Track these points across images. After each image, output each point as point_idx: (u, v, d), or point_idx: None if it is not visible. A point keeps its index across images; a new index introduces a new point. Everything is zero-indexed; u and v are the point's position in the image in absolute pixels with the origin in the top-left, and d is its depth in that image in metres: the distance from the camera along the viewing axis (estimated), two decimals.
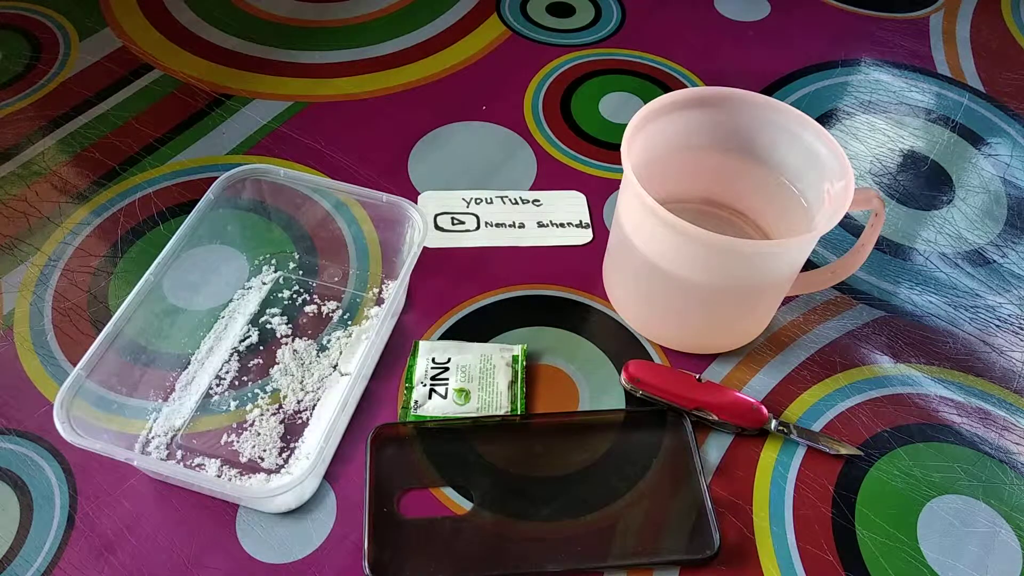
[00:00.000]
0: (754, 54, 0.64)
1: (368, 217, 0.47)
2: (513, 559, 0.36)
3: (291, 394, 0.42)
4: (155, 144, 0.55)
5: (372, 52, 0.63)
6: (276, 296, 0.47)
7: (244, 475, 0.39)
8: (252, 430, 0.40)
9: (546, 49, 0.64)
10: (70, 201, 0.51)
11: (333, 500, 0.39)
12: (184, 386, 0.42)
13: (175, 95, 0.59)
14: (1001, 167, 0.56)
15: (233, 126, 0.57)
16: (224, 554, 0.37)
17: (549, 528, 0.37)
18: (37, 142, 0.55)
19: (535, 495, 0.38)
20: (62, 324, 0.45)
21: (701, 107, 0.43)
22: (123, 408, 0.39)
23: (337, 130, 0.56)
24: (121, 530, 0.38)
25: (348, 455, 0.40)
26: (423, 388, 0.42)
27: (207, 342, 0.44)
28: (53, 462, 0.40)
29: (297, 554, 0.37)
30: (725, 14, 0.68)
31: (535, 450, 0.40)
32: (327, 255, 0.48)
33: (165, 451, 0.40)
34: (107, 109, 0.57)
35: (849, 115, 0.60)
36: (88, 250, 0.49)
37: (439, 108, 0.58)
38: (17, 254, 0.49)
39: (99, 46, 0.62)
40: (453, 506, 0.38)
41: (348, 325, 0.45)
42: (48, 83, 0.59)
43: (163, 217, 0.51)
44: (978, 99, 0.61)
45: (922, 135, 0.58)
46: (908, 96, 0.61)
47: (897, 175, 0.56)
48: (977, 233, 0.52)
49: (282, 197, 0.46)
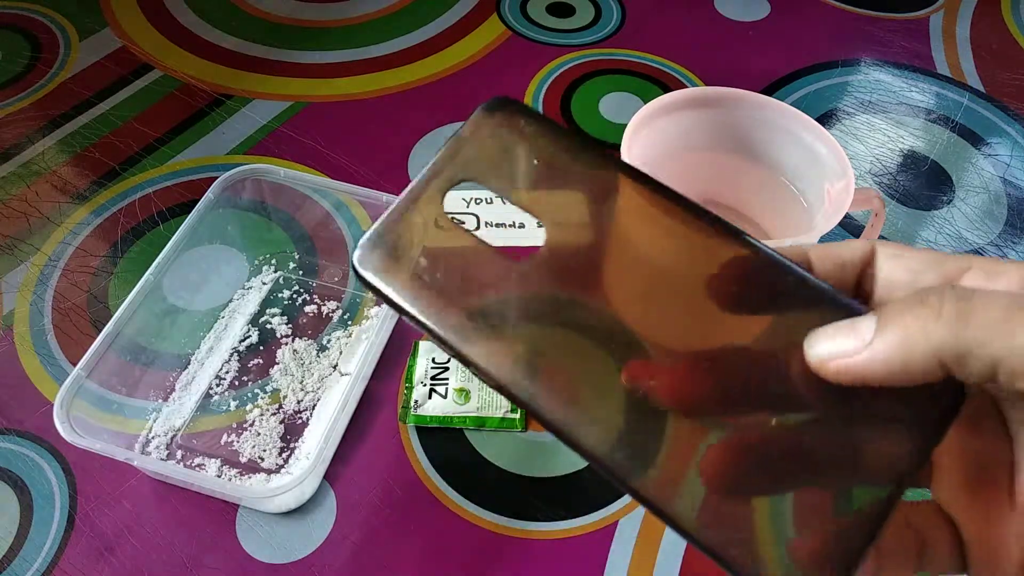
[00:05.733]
0: (754, 54, 0.64)
1: (368, 217, 0.47)
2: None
3: (291, 394, 0.42)
4: (155, 144, 0.55)
5: (372, 52, 0.63)
6: (276, 296, 0.47)
7: (244, 475, 0.39)
8: (252, 430, 0.40)
9: (546, 49, 0.64)
10: (70, 201, 0.51)
11: (333, 500, 0.39)
12: (184, 386, 0.42)
13: (175, 95, 0.59)
14: (1001, 167, 0.56)
15: (233, 126, 0.56)
16: (224, 554, 0.37)
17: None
18: (37, 142, 0.55)
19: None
20: (62, 324, 0.45)
21: (701, 107, 0.43)
22: (123, 408, 0.39)
23: (337, 130, 0.56)
24: (121, 530, 0.37)
25: (348, 455, 0.40)
26: (423, 388, 0.42)
27: (207, 342, 0.44)
28: (53, 462, 0.40)
29: (297, 554, 0.37)
30: (725, 14, 0.68)
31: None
32: (327, 255, 0.48)
33: (165, 451, 0.40)
34: (107, 109, 0.57)
35: (849, 115, 0.60)
36: (88, 250, 0.49)
37: (439, 108, 0.58)
38: (17, 254, 0.49)
39: (99, 46, 0.62)
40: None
41: (348, 325, 0.45)
42: (48, 83, 0.59)
43: (163, 217, 0.51)
44: (978, 99, 0.61)
45: (922, 135, 0.58)
46: (908, 96, 0.61)
47: (897, 175, 0.56)
48: (977, 233, 0.52)
49: (282, 197, 0.46)
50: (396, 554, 0.37)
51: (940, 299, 0.14)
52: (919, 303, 0.14)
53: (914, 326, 0.14)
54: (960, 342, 0.13)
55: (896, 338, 0.14)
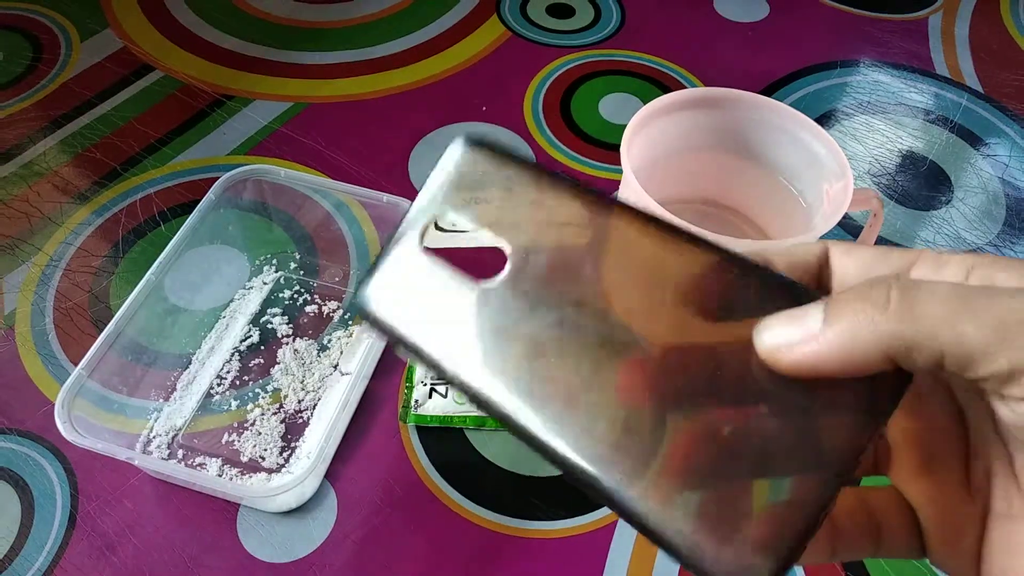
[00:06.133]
0: (753, 55, 0.64)
1: (369, 217, 0.47)
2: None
3: (292, 394, 0.42)
4: (156, 144, 0.55)
5: (373, 53, 0.63)
6: (277, 296, 0.47)
7: (245, 474, 0.39)
8: (253, 429, 0.41)
9: (546, 50, 0.64)
10: (71, 201, 0.52)
11: (334, 499, 0.39)
12: (185, 386, 0.42)
13: (176, 96, 0.59)
14: (1000, 167, 0.57)
15: (234, 127, 0.57)
16: (225, 553, 0.37)
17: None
18: (38, 142, 0.55)
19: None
20: (63, 324, 0.45)
21: (700, 108, 0.43)
22: (124, 408, 0.39)
23: (338, 130, 0.57)
24: (122, 529, 0.38)
25: (349, 455, 0.40)
26: (423, 387, 0.42)
27: (208, 342, 0.44)
28: (55, 462, 0.40)
29: (298, 553, 0.37)
30: (724, 15, 0.68)
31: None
32: (328, 255, 0.48)
33: (166, 451, 0.40)
34: (108, 109, 0.57)
35: (848, 116, 0.60)
36: (89, 250, 0.49)
37: (439, 109, 0.58)
38: (19, 254, 0.49)
39: (100, 47, 0.62)
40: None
41: (349, 325, 0.45)
42: (49, 84, 0.59)
43: (164, 217, 0.51)
44: (977, 100, 0.61)
45: (921, 135, 0.58)
46: (907, 97, 0.61)
47: (896, 175, 0.56)
48: (976, 233, 0.53)
49: (283, 197, 0.46)
50: (397, 553, 0.37)
51: (886, 291, 0.14)
52: (864, 296, 0.14)
53: (861, 318, 0.14)
54: (906, 334, 0.13)
55: (844, 330, 0.14)
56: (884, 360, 0.14)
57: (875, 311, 0.14)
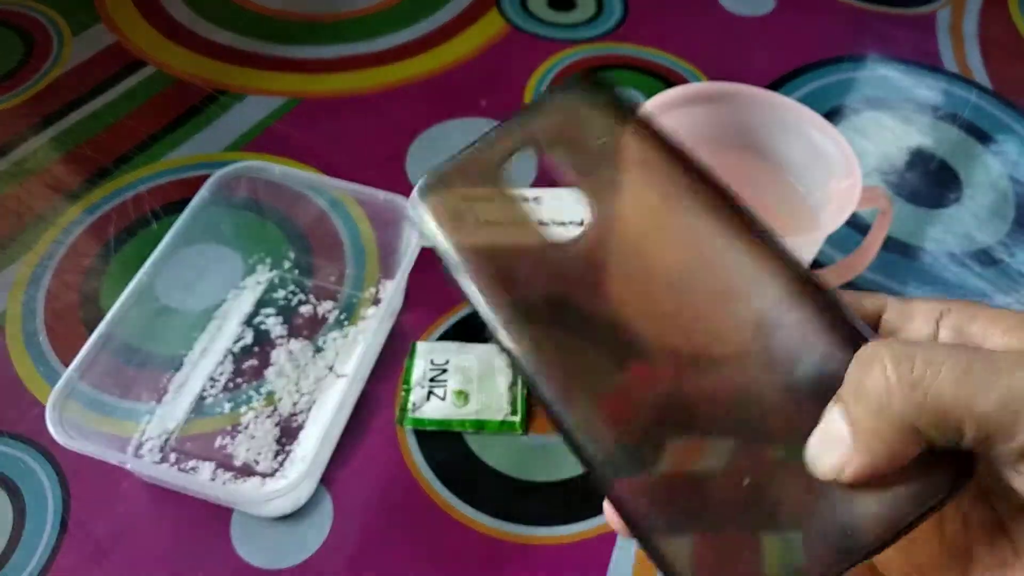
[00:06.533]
0: (758, 49, 0.63)
1: (365, 215, 0.47)
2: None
3: (286, 396, 0.41)
4: (148, 141, 0.54)
5: (369, 47, 0.62)
6: (271, 296, 0.46)
7: (238, 479, 0.38)
8: (247, 433, 0.40)
9: (547, 44, 0.63)
10: (62, 199, 0.51)
11: (329, 505, 0.38)
12: (177, 388, 0.42)
13: (168, 91, 0.58)
14: (1009, 165, 0.56)
15: (227, 123, 0.56)
16: (218, 559, 0.36)
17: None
18: (29, 140, 0.54)
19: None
20: (54, 324, 0.44)
21: (705, 103, 0.43)
22: (116, 410, 0.39)
23: (333, 127, 0.56)
24: (114, 534, 0.37)
25: (345, 459, 0.39)
26: (421, 390, 0.41)
27: (200, 343, 0.43)
28: (46, 465, 0.39)
29: (292, 560, 0.36)
30: (729, 9, 0.67)
31: None
32: (323, 254, 0.47)
33: (159, 454, 0.39)
34: (100, 106, 0.57)
35: (855, 112, 0.59)
36: (80, 249, 0.48)
37: (438, 104, 0.57)
38: (9, 253, 0.48)
39: (92, 42, 0.61)
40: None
41: (345, 326, 0.45)
42: (40, 80, 0.58)
43: (156, 216, 0.50)
44: (986, 96, 0.60)
45: (929, 132, 0.58)
46: (915, 92, 0.60)
47: (904, 173, 0.55)
48: (986, 232, 0.52)
49: (277, 195, 0.45)
50: (393, 559, 0.37)
51: (883, 377, 0.14)
52: (867, 394, 0.14)
53: (881, 419, 0.14)
54: (925, 413, 0.14)
55: (871, 437, 0.14)
56: (918, 444, 0.14)
57: (894, 395, 0.14)
